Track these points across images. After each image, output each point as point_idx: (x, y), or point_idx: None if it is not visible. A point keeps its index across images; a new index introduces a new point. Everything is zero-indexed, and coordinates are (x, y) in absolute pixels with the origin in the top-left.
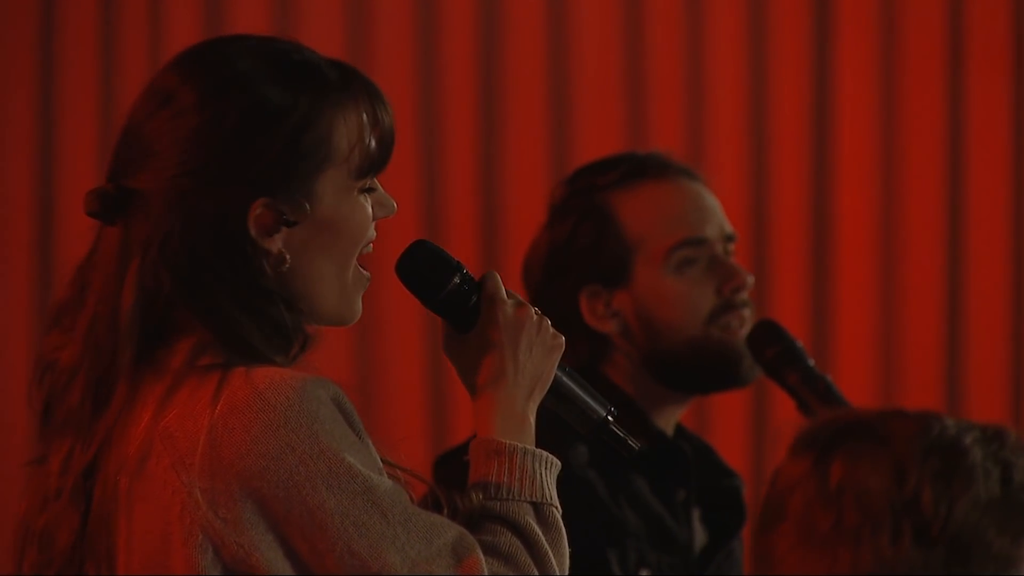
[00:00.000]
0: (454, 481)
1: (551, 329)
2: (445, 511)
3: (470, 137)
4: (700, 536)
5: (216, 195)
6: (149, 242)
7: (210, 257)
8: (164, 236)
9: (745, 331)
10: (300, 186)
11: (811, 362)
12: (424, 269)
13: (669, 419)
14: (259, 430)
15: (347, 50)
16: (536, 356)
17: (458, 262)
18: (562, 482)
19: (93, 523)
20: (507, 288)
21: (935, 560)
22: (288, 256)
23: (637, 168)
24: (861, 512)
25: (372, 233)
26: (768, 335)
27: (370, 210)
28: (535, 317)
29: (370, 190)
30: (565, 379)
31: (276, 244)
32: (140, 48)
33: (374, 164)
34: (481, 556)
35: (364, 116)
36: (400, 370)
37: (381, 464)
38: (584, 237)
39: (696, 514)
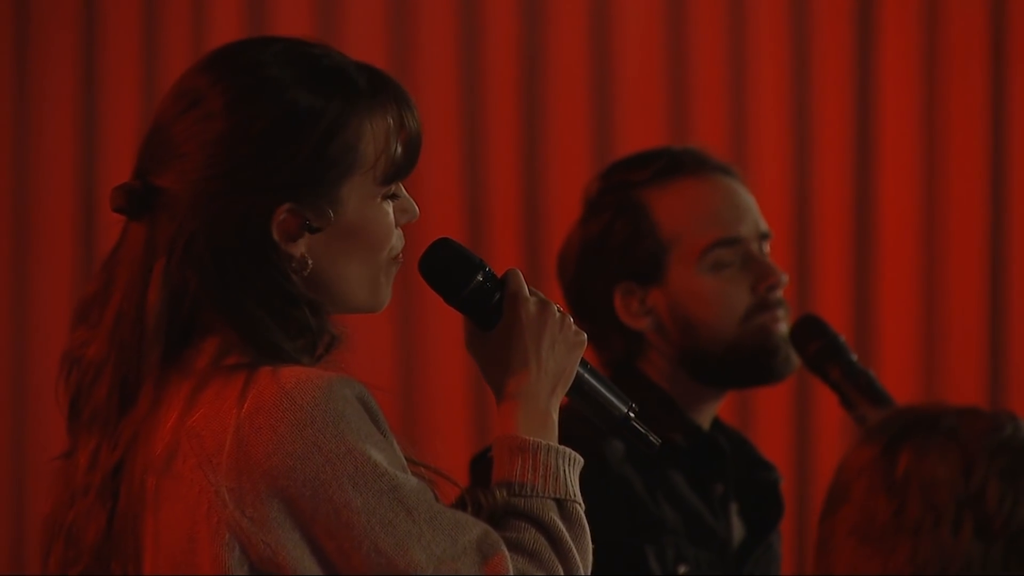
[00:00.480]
0: (488, 480)
1: (573, 326)
2: (469, 508)
3: (513, 134)
4: (738, 530)
5: (241, 200)
6: (174, 242)
7: (234, 260)
8: (189, 237)
9: (780, 328)
10: (325, 193)
11: (854, 357)
12: (447, 267)
13: (705, 414)
14: (286, 429)
15: (389, 48)
16: (558, 353)
17: (481, 260)
18: (599, 479)
19: (120, 522)
20: (530, 286)
21: (994, 556)
22: (311, 261)
23: (672, 164)
24: (924, 502)
25: (399, 242)
26: (811, 330)
27: (392, 216)
28: (557, 314)
29: (394, 196)
30: (587, 376)
31: (299, 249)
32: (183, 43)
33: (399, 171)
34: (507, 553)
35: (391, 122)
36: (443, 371)
37: (405, 463)
38: (619, 234)
39: (734, 508)
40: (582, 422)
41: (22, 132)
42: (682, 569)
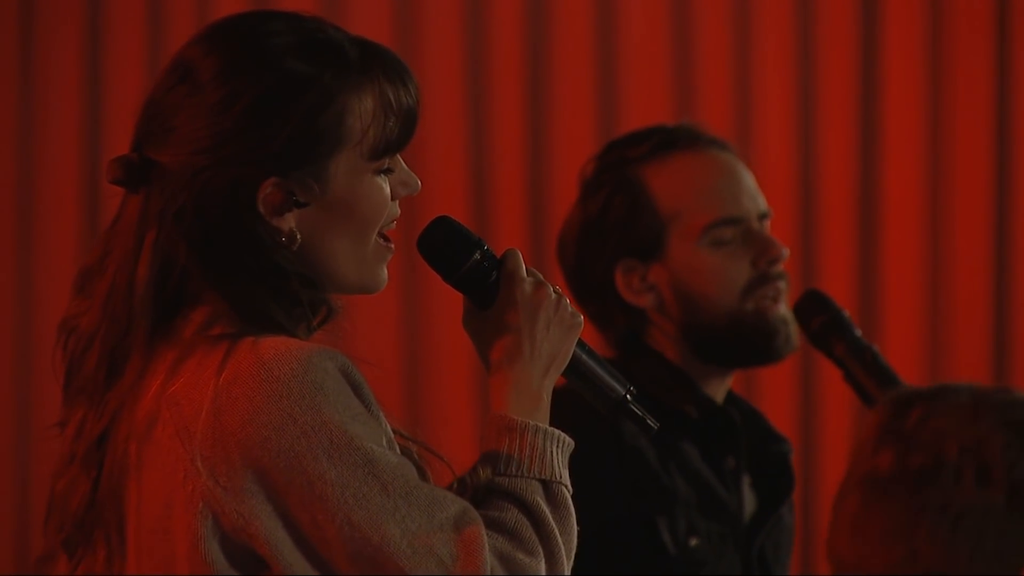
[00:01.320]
0: None
1: (570, 308)
2: (454, 487)
3: (517, 115)
4: (750, 503)
5: (226, 173)
6: (164, 215)
7: (222, 233)
8: (178, 209)
9: (781, 306)
10: (311, 167)
11: (858, 332)
12: (444, 245)
13: (717, 388)
14: (261, 400)
15: (394, 28)
16: (553, 335)
17: (479, 239)
18: (612, 450)
19: (103, 490)
20: (529, 267)
21: (996, 505)
22: (299, 235)
23: (667, 140)
24: (928, 451)
25: (395, 211)
26: (815, 305)
27: (388, 190)
28: (554, 296)
29: (388, 171)
30: (584, 357)
31: (288, 223)
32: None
33: (390, 145)
34: (483, 529)
35: (382, 96)
36: (447, 350)
37: (392, 437)
38: (617, 211)
39: (746, 481)
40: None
41: (26, 122)
42: (693, 541)
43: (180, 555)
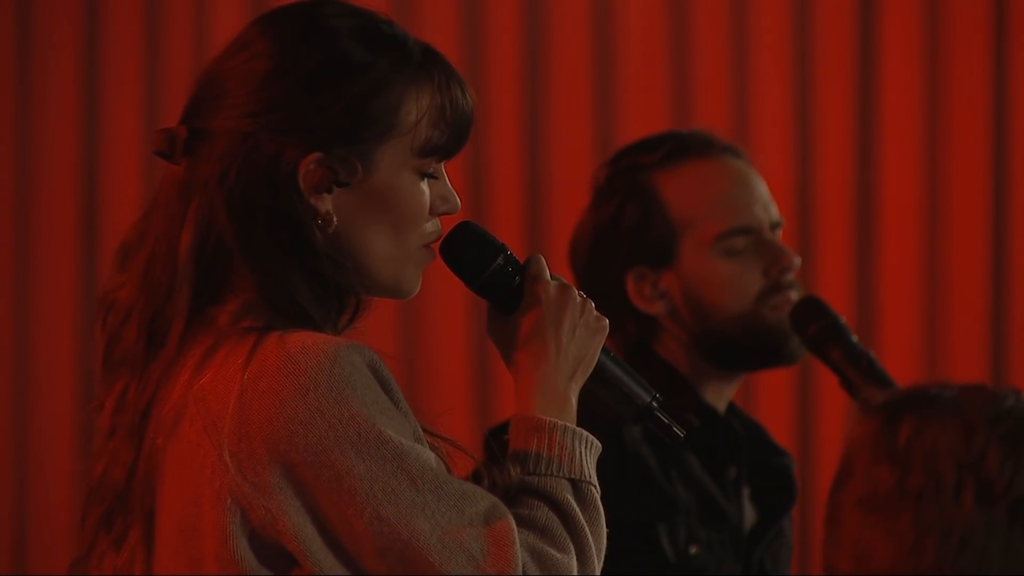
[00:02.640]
0: (503, 455)
1: (595, 312)
2: (484, 483)
3: (514, 120)
4: (750, 514)
5: (273, 141)
6: (208, 180)
7: (261, 203)
8: (222, 173)
9: None
10: (358, 149)
11: (854, 338)
12: (468, 251)
13: (720, 397)
14: (288, 394)
15: None
16: (579, 338)
17: (502, 244)
18: (615, 456)
19: (137, 479)
20: (552, 271)
21: (997, 521)
22: (335, 219)
23: (680, 147)
24: (926, 470)
25: (436, 228)
26: (812, 311)
27: (428, 196)
28: (579, 299)
29: (433, 177)
30: (609, 363)
31: (325, 204)
32: (185, 32)
33: (439, 147)
34: (513, 524)
35: (439, 98)
36: (445, 347)
37: (421, 433)
38: (630, 218)
39: (746, 492)
40: (600, 401)
41: (24, 125)
42: (693, 549)
43: (208, 552)
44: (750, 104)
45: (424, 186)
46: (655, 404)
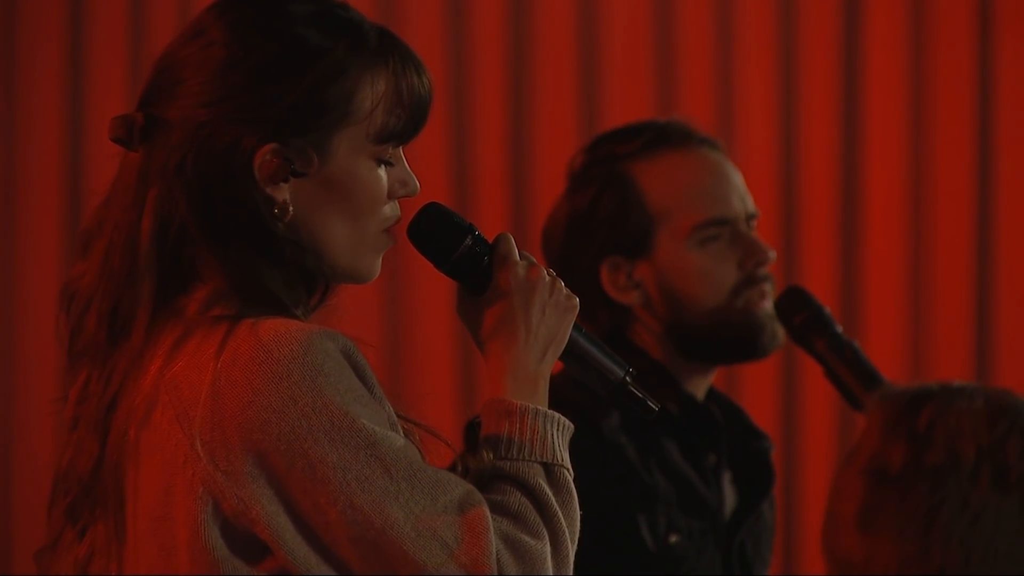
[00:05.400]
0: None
1: (565, 290)
2: (457, 471)
3: (499, 106)
4: (730, 499)
5: (229, 131)
6: (166, 169)
7: (219, 193)
8: (179, 163)
9: (767, 303)
10: (314, 138)
11: (839, 328)
12: (436, 232)
13: (698, 385)
14: (261, 383)
15: (375, 18)
16: (549, 317)
17: (470, 224)
18: (593, 446)
19: (106, 469)
20: (522, 250)
21: (1009, 508)
22: (292, 208)
23: (658, 137)
24: (946, 448)
25: (394, 211)
26: (796, 302)
27: (386, 182)
28: (548, 278)
29: (390, 163)
30: (582, 340)
31: (282, 193)
32: (170, 25)
33: (396, 133)
34: (487, 511)
35: (395, 83)
36: (429, 332)
37: (395, 419)
38: (606, 207)
39: (726, 477)
40: (579, 389)
41: (8, 123)
42: (673, 538)
43: (180, 541)
44: (735, 96)
45: (381, 172)
46: (629, 379)
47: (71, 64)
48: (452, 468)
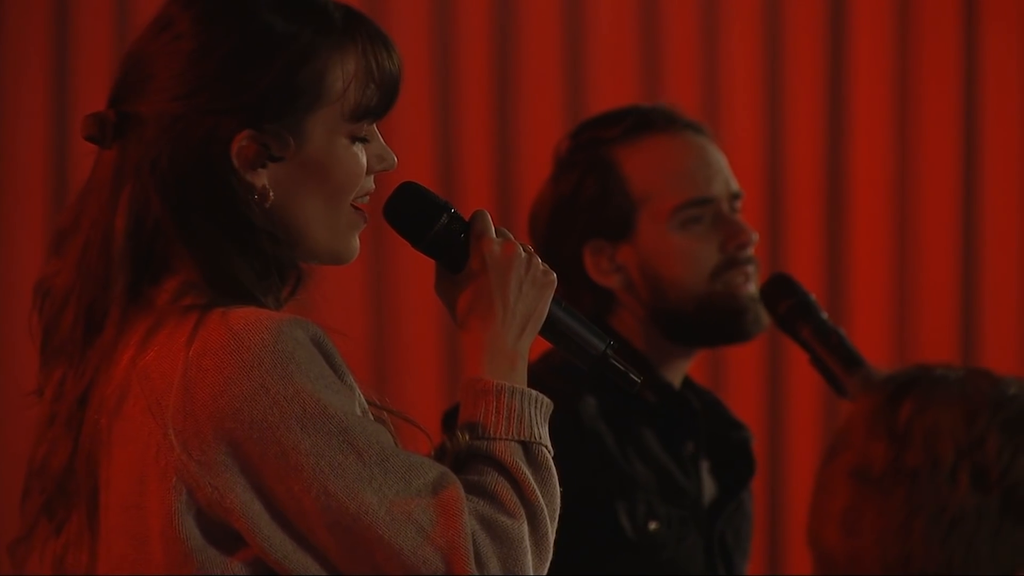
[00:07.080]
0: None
1: (542, 266)
2: (434, 454)
3: (485, 92)
4: (709, 488)
5: (202, 122)
6: (140, 165)
7: (196, 185)
8: (154, 159)
9: (750, 286)
10: (288, 122)
11: (824, 315)
12: (411, 210)
13: (676, 372)
14: (232, 371)
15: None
16: (527, 294)
17: (446, 202)
18: (571, 433)
19: (80, 459)
20: (499, 227)
21: (990, 507)
22: (272, 193)
23: (642, 121)
24: (925, 449)
25: (369, 185)
26: (782, 288)
27: (364, 159)
28: (524, 254)
29: (364, 140)
30: (562, 314)
31: (260, 179)
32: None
33: (370, 110)
34: (462, 493)
35: (364, 61)
36: (414, 317)
37: (367, 406)
38: (589, 191)
39: (705, 466)
40: (558, 376)
41: None
42: (653, 525)
43: (154, 531)
44: (721, 84)
45: (358, 149)
46: (610, 351)
47: (56, 62)
48: (429, 453)
